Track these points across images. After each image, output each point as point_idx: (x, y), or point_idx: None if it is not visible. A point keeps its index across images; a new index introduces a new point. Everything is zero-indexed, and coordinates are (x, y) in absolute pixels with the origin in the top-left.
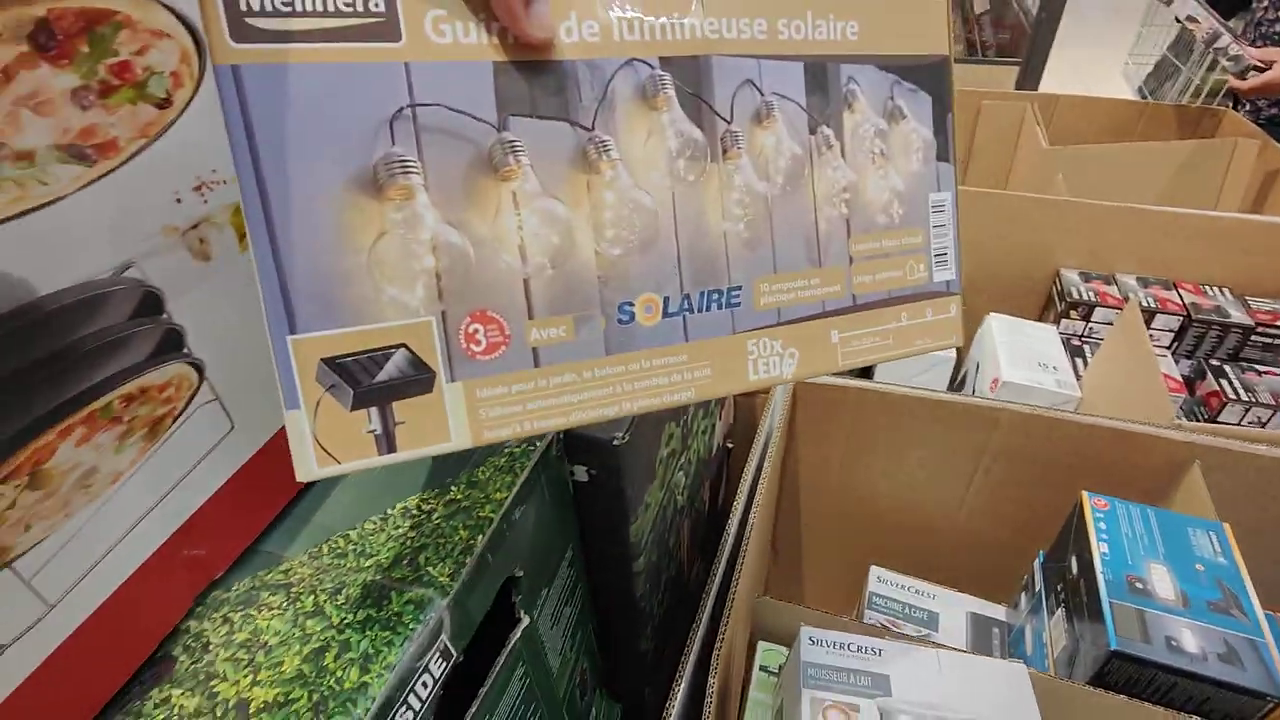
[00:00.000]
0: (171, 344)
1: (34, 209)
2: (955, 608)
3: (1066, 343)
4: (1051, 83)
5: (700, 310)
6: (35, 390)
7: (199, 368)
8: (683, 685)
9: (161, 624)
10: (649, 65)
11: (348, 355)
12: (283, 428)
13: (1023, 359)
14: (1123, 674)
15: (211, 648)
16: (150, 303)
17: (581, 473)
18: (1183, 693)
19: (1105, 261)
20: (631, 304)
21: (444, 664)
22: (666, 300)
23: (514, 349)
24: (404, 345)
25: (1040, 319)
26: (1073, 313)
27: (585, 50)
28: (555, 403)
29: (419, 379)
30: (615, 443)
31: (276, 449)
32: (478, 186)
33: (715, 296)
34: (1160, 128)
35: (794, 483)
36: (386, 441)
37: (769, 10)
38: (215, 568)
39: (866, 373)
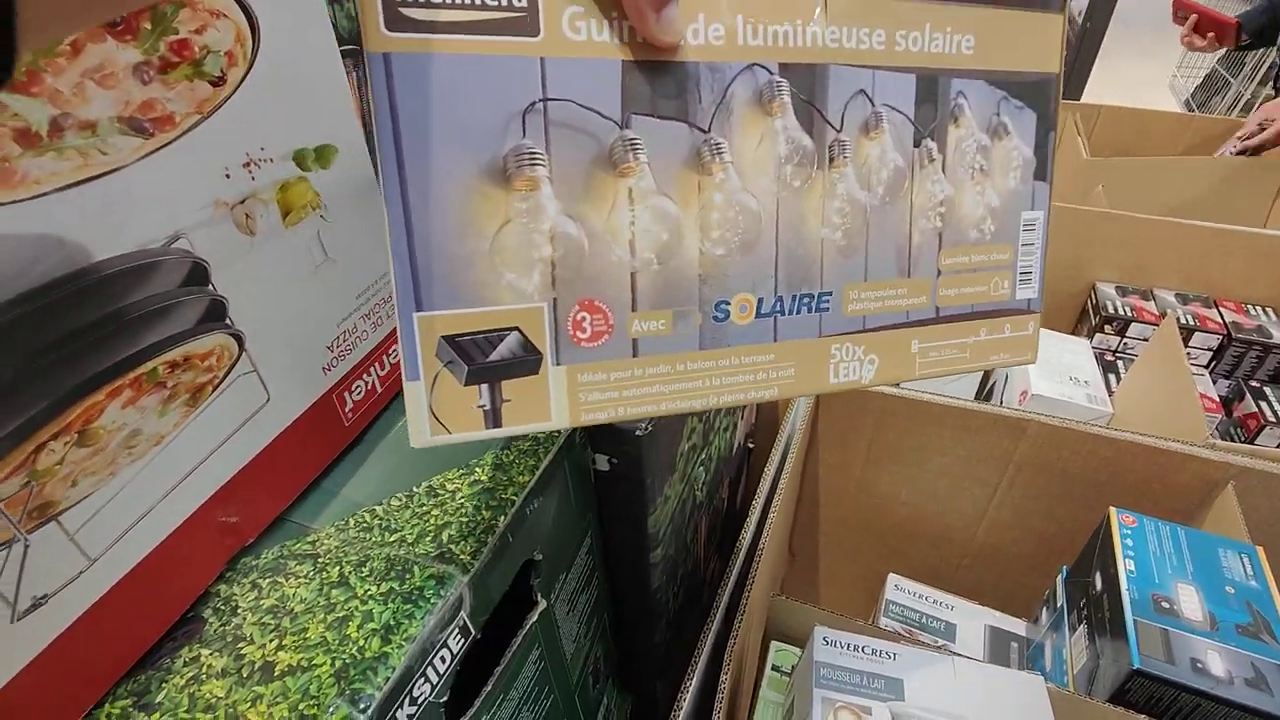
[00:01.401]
0: (215, 314)
1: (94, 177)
2: (973, 620)
3: (1099, 357)
4: (1094, 94)
5: (791, 312)
6: (88, 351)
7: (239, 339)
8: (694, 680)
9: (194, 586)
10: (768, 70)
11: (466, 334)
12: (314, 403)
13: (1054, 372)
14: (1144, 693)
15: (240, 611)
16: (197, 273)
17: (603, 462)
18: (1205, 716)
19: (1144, 276)
20: (728, 302)
21: (463, 640)
22: (760, 301)
23: (616, 338)
24: (517, 328)
25: (1074, 333)
26: (1107, 327)
27: (709, 53)
28: (648, 392)
29: (528, 360)
30: (639, 433)
31: (308, 423)
32: (597, 181)
33: (806, 300)
34: (1207, 142)
35: (814, 486)
36: (493, 416)
37: (889, 21)
38: (246, 534)
39: None
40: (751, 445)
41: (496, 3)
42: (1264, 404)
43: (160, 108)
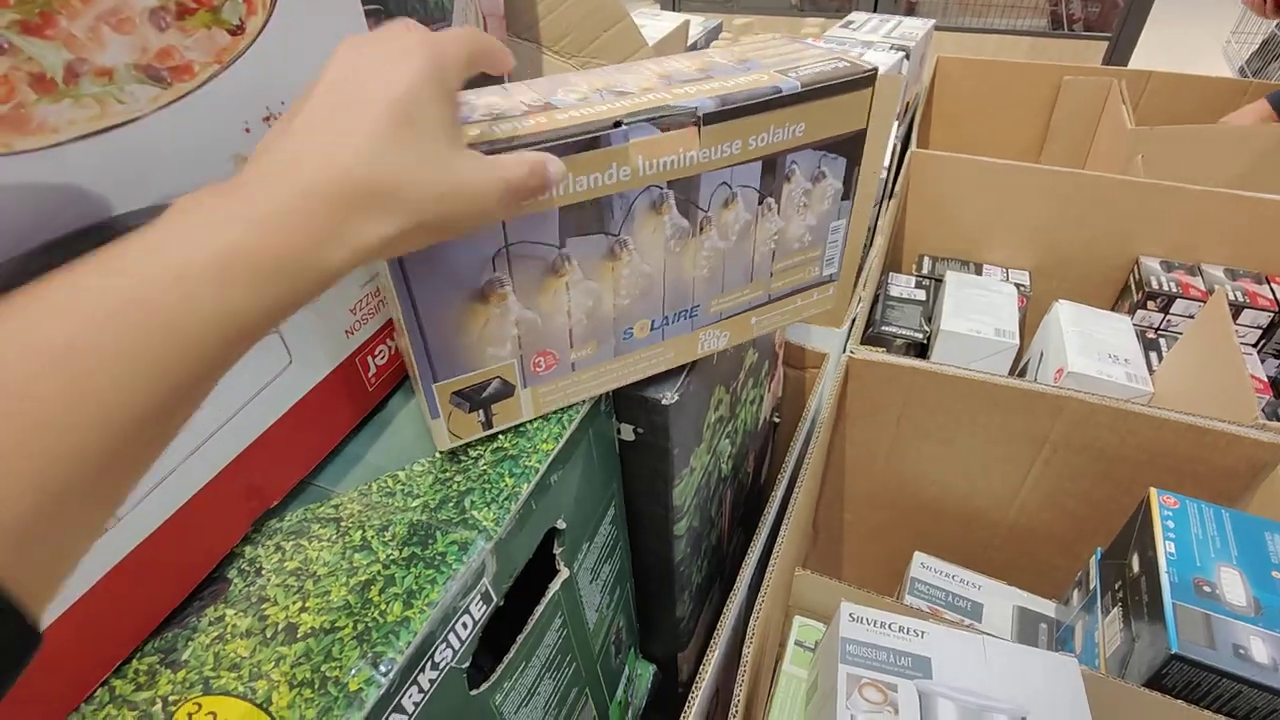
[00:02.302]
0: None
1: (113, 127)
2: (1001, 600)
3: (1141, 335)
4: (1143, 59)
5: (673, 322)
6: None
7: None
8: (718, 652)
9: (219, 547)
10: (660, 187)
11: (467, 388)
12: (338, 366)
13: (1092, 349)
14: (1181, 678)
15: (264, 573)
16: None
17: (628, 431)
18: (1247, 702)
19: (1191, 251)
20: (631, 328)
21: (485, 606)
22: (653, 321)
23: (561, 366)
24: (499, 376)
25: (1114, 309)
26: (1150, 303)
27: (619, 187)
28: (582, 386)
29: (507, 391)
30: (665, 402)
31: (331, 387)
32: (545, 283)
33: (683, 313)
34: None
35: (840, 462)
36: (487, 424)
37: (744, 133)
38: (270, 497)
39: (922, 355)
40: (778, 420)
41: None
42: None
43: (178, 56)
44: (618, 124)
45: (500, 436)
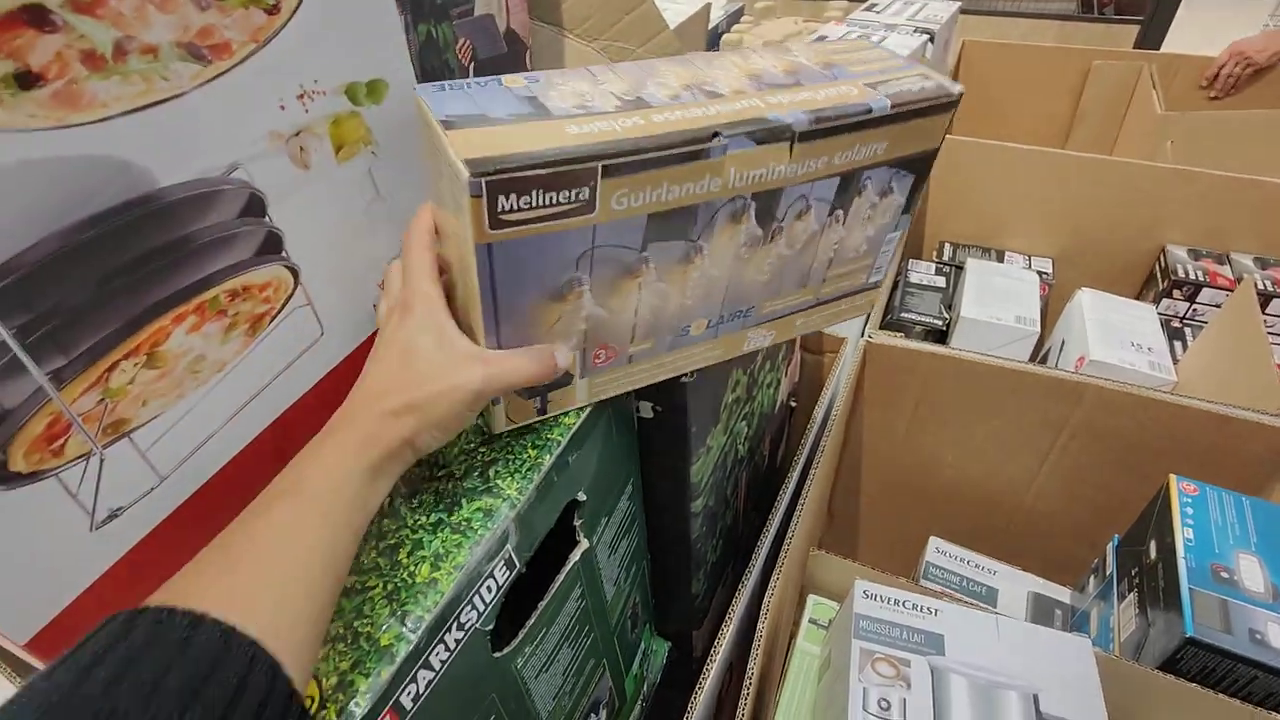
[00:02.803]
0: (272, 245)
1: (157, 103)
2: (1016, 585)
3: (1165, 324)
4: (1177, 43)
5: (727, 322)
6: (156, 276)
7: (295, 272)
8: (732, 627)
9: None
10: (744, 198)
11: None
12: (367, 340)
13: (1114, 338)
14: (1196, 663)
15: None
16: (255, 204)
17: (647, 409)
18: (1263, 687)
19: (1220, 239)
20: (689, 326)
21: (508, 572)
22: (709, 320)
23: (619, 359)
24: None
25: (1139, 297)
26: (1176, 292)
27: (706, 198)
28: (634, 377)
29: (566, 380)
30: (684, 380)
31: (359, 360)
32: (620, 284)
33: (738, 314)
34: None
35: (857, 446)
36: (543, 410)
37: (831, 150)
38: None
39: (941, 341)
40: (794, 404)
41: (569, 198)
42: None
43: (217, 35)
44: (715, 134)
45: None
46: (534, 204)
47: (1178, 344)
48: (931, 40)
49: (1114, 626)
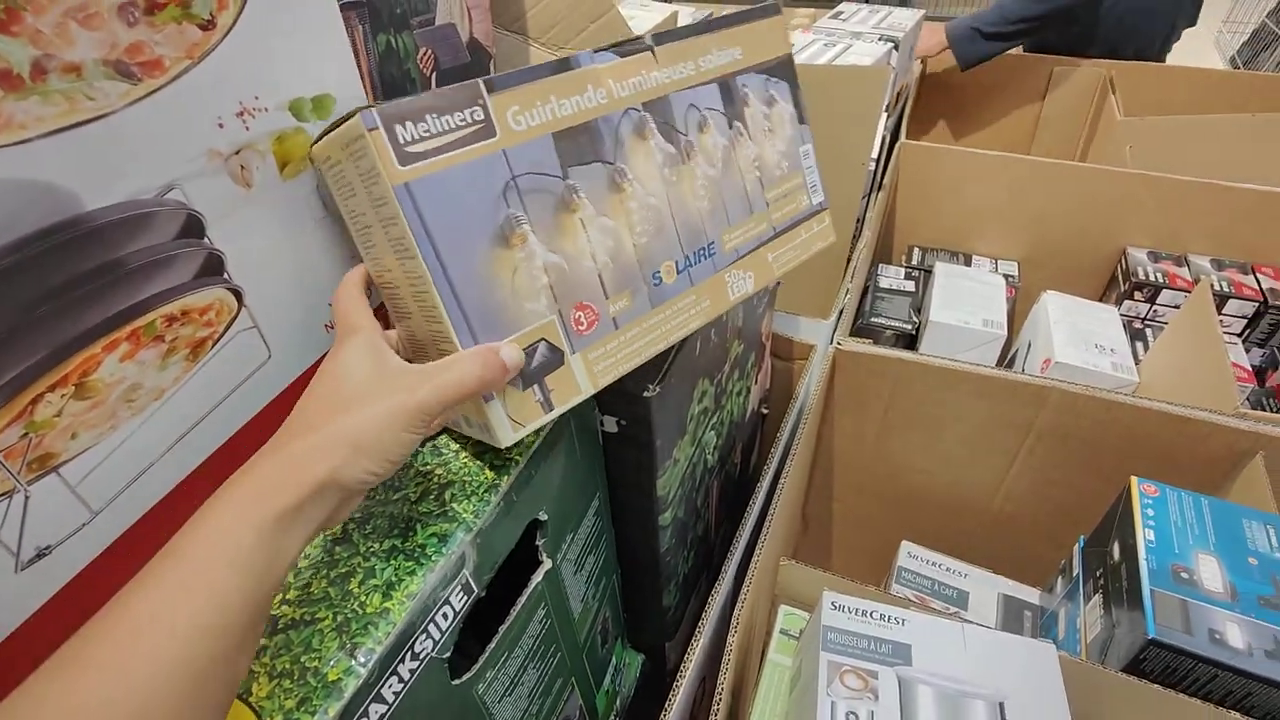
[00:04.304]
0: (213, 267)
1: (82, 123)
2: (986, 588)
3: (1128, 325)
4: None
5: (696, 263)
6: (83, 303)
7: (238, 293)
8: (702, 641)
9: None
10: (637, 110)
11: None
12: (315, 363)
13: (1079, 340)
14: (1159, 663)
15: None
16: (193, 225)
17: (611, 424)
18: (1222, 686)
19: (1178, 241)
20: (658, 271)
21: (465, 598)
22: (677, 263)
23: (603, 322)
24: (543, 339)
25: (1101, 299)
26: (1137, 294)
27: (600, 111)
28: (632, 349)
29: (556, 358)
30: (646, 394)
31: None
32: (561, 221)
33: (701, 251)
34: (1252, 100)
35: (828, 453)
36: (547, 404)
37: (692, 53)
38: None
39: (911, 346)
40: (766, 411)
41: (465, 120)
42: None
43: (148, 51)
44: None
45: None
46: (433, 130)
47: (1139, 345)
48: (896, 48)
49: (1080, 627)
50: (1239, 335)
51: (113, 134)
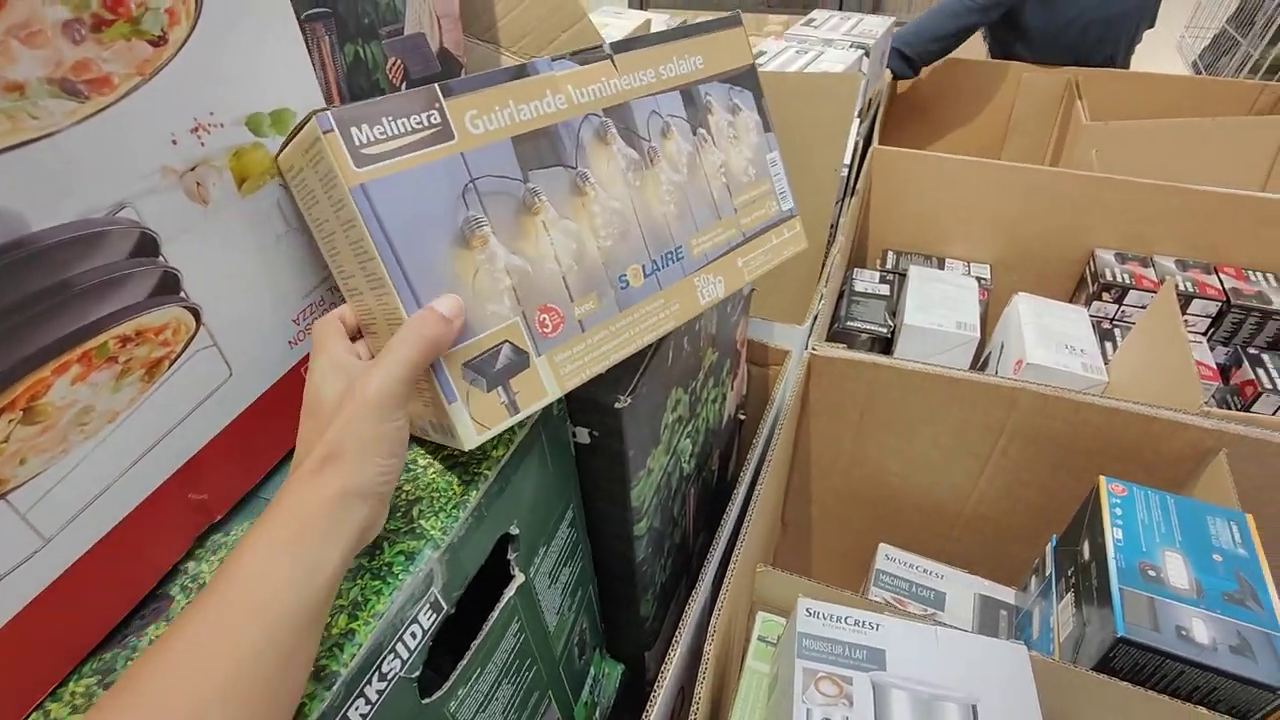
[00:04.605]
0: (168, 286)
1: (25, 143)
2: (963, 588)
3: (1097, 325)
4: None
5: (663, 267)
6: (30, 325)
7: (196, 312)
8: (680, 649)
9: (160, 563)
10: (598, 116)
11: (475, 357)
12: (283, 377)
13: (1050, 341)
14: (1129, 660)
15: None
16: (146, 244)
17: (583, 434)
18: (1189, 682)
19: (1145, 243)
20: (625, 274)
21: (434, 615)
22: (644, 266)
23: (568, 324)
24: (507, 341)
25: (1071, 301)
26: (1105, 295)
27: (560, 116)
28: (599, 352)
29: (521, 360)
30: (618, 405)
31: (276, 399)
32: (523, 224)
33: (669, 255)
34: (1213, 104)
35: (805, 457)
36: (513, 407)
37: (653, 61)
38: (214, 511)
39: (886, 349)
40: (743, 417)
41: (421, 123)
42: (1261, 371)
43: (96, 69)
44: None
45: None
46: (389, 132)
47: (1108, 345)
48: (867, 55)
49: (1054, 626)
50: (1203, 334)
51: (59, 153)
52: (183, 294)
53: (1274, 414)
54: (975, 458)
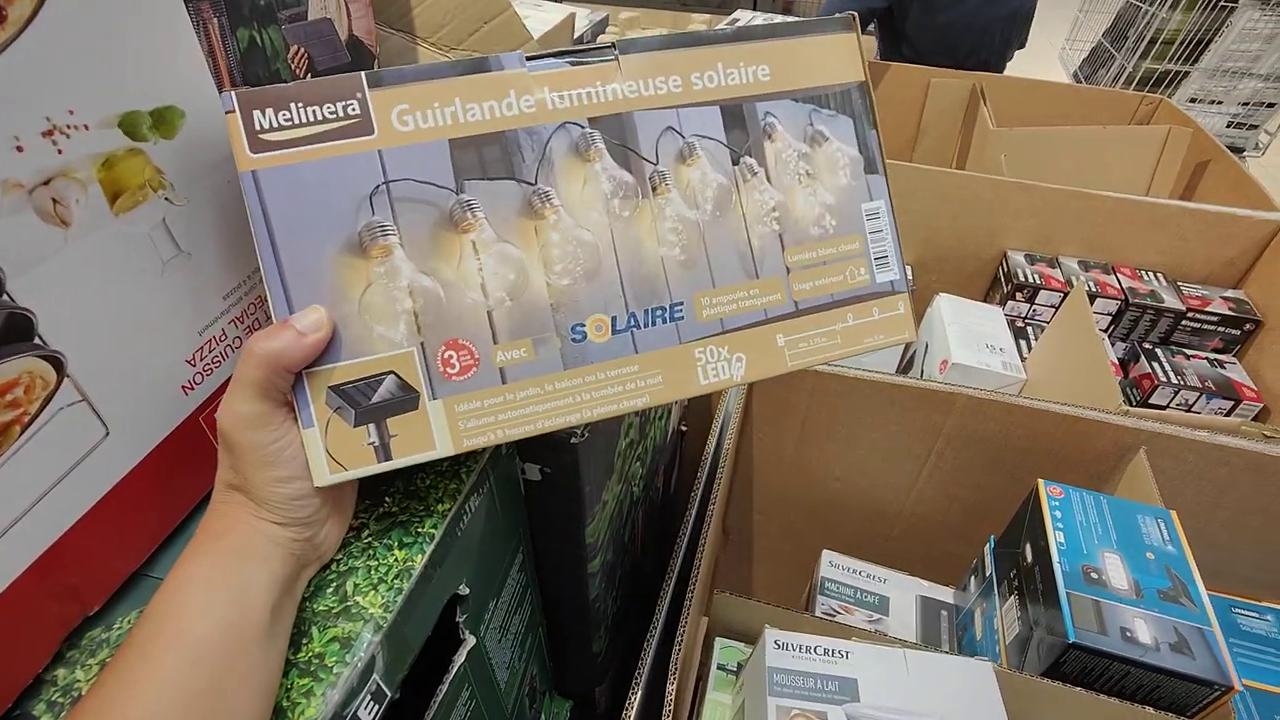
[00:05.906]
0: (17, 331)
1: None
2: (904, 591)
3: (1012, 324)
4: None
5: (646, 325)
6: None
7: (57, 362)
8: (641, 686)
9: (19, 674)
10: (580, 126)
11: (349, 382)
12: (171, 434)
13: (971, 340)
14: (1078, 664)
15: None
16: None
17: (534, 471)
18: (1134, 681)
19: (1051, 244)
20: (583, 324)
21: (377, 707)
22: (614, 319)
23: (483, 369)
24: (392, 372)
25: (986, 300)
26: (1019, 294)
27: (525, 121)
28: (524, 413)
29: (407, 399)
30: (574, 440)
31: (168, 456)
32: (443, 240)
33: (659, 312)
34: (1098, 113)
35: (748, 465)
36: (384, 451)
37: (682, 67)
38: (90, 601)
39: None
40: (684, 429)
41: (336, 113)
42: (1156, 365)
43: None
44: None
45: (387, 499)
46: (296, 120)
47: (1023, 343)
48: None
49: (998, 628)
50: (1105, 331)
51: None
52: (38, 340)
53: (1168, 405)
54: (913, 460)
